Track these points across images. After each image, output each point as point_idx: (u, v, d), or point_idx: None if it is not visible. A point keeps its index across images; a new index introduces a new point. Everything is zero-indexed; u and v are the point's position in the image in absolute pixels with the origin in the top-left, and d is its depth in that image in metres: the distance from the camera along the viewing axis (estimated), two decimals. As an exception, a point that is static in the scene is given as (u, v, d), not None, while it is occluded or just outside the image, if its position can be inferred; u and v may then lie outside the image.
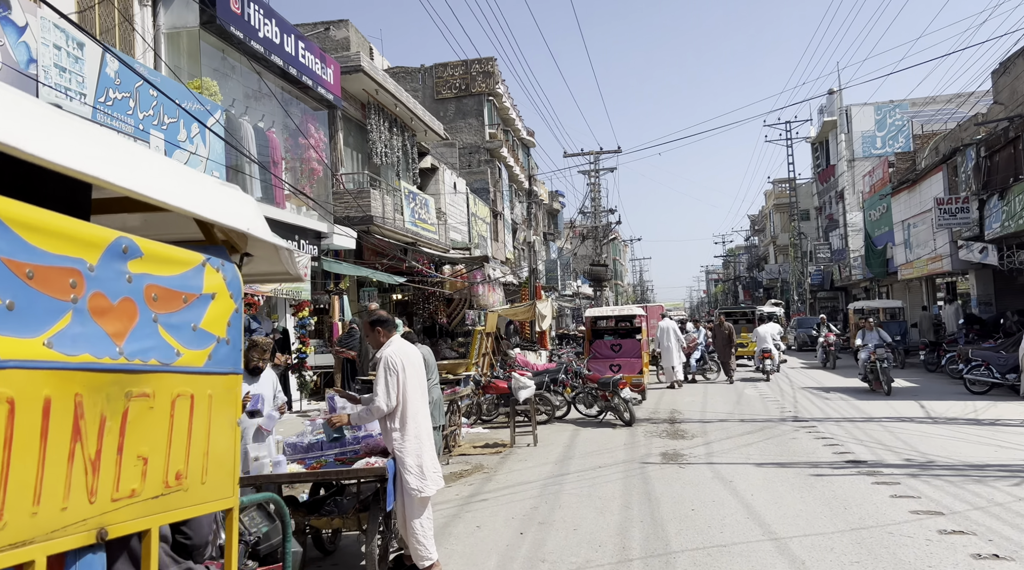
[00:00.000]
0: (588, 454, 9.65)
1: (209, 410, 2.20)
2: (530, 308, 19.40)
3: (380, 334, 5.15)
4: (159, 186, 2.07)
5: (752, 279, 75.87)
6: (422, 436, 4.99)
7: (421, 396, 5.11)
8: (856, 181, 42.95)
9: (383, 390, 4.92)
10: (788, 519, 6.11)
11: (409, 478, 4.85)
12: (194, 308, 2.12)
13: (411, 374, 5.02)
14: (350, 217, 17.01)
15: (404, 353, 5.05)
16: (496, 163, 36.46)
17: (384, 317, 5.20)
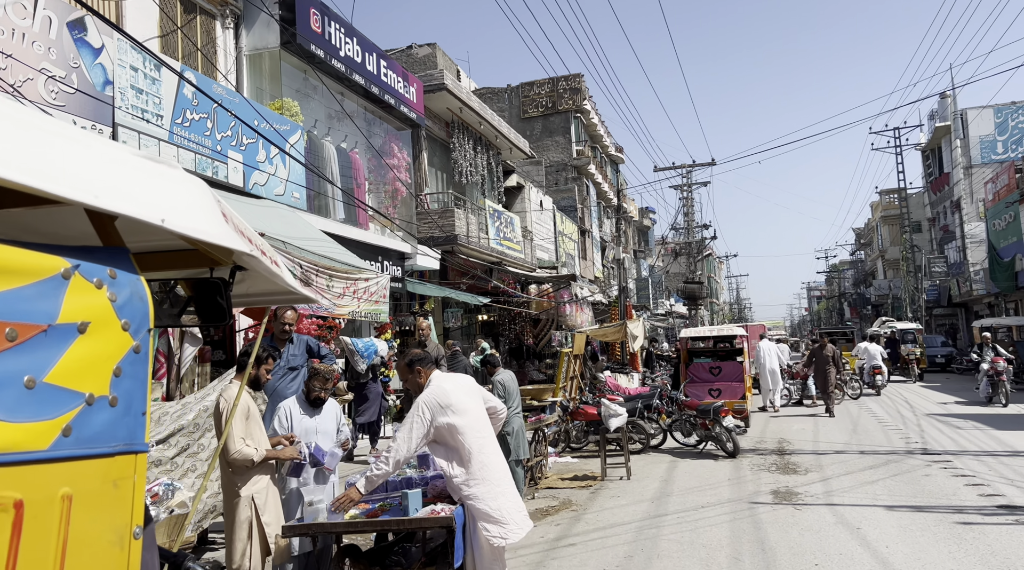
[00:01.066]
0: (688, 490, 8.72)
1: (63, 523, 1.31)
2: (620, 328, 18.51)
3: (420, 375, 4.54)
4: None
5: (859, 295, 71.67)
6: (494, 476, 4.32)
7: (483, 429, 4.43)
8: (975, 189, 39.75)
9: (402, 437, 4.29)
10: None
11: (488, 526, 4.19)
12: (31, 349, 1.28)
13: (459, 410, 4.37)
14: (434, 237, 16.71)
15: (443, 392, 4.39)
16: (583, 180, 35.81)
17: (420, 356, 4.59)
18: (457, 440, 4.31)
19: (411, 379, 4.60)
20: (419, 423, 4.30)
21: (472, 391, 4.62)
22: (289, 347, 6.33)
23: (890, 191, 59.32)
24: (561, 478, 10.02)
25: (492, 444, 4.47)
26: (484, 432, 4.47)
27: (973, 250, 39.42)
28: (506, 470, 4.49)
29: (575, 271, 28.44)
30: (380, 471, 4.40)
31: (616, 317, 23.58)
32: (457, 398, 4.41)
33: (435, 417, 4.30)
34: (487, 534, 4.18)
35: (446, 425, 4.31)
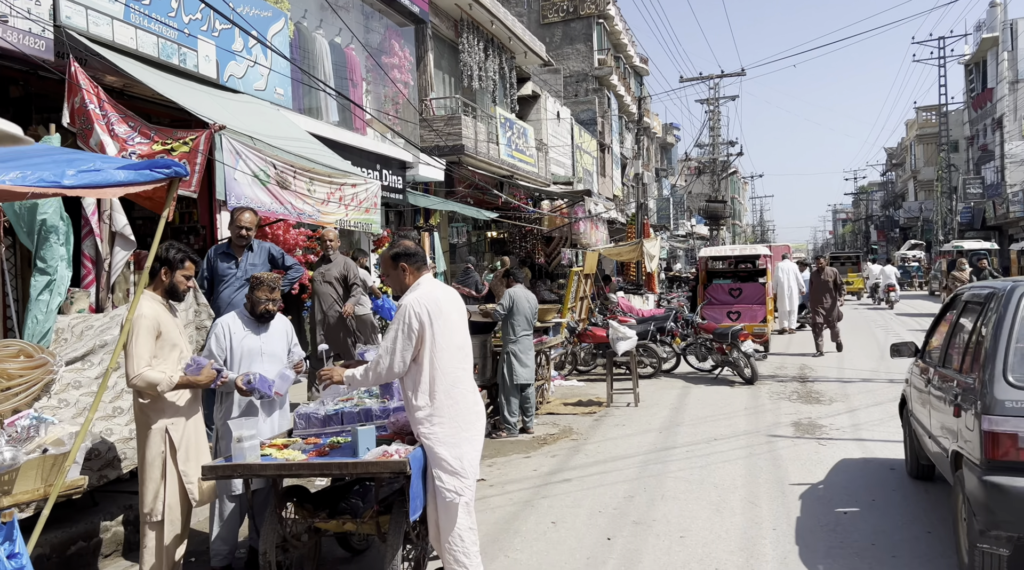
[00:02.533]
0: (700, 420, 8.01)
1: None
2: (636, 247, 17.58)
3: (405, 273, 3.71)
4: None
5: (887, 218, 69.64)
6: (463, 417, 3.56)
7: (464, 360, 3.66)
8: (1020, 105, 37.49)
9: (387, 347, 3.54)
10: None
11: (444, 477, 3.46)
12: None
13: (445, 329, 3.57)
14: (439, 146, 15.64)
15: (434, 300, 3.60)
16: (605, 92, 34.05)
17: (409, 250, 3.75)
18: (431, 364, 3.52)
19: (393, 276, 3.78)
20: (405, 332, 3.52)
21: (463, 313, 3.81)
22: (248, 255, 5.52)
23: (928, 108, 56.48)
24: (564, 403, 9.37)
25: (469, 380, 3.69)
26: (464, 364, 3.68)
27: (1013, 171, 37.60)
28: (480, 415, 3.72)
29: (593, 188, 27.26)
30: (364, 377, 3.70)
31: (632, 236, 22.59)
32: (447, 313, 3.61)
33: (423, 326, 3.51)
34: (440, 485, 3.45)
35: (429, 340, 3.52)
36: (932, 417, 4.57)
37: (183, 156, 6.39)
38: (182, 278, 3.67)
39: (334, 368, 3.92)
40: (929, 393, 4.71)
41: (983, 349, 3.81)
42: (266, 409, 4.26)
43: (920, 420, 5.01)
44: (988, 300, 4.15)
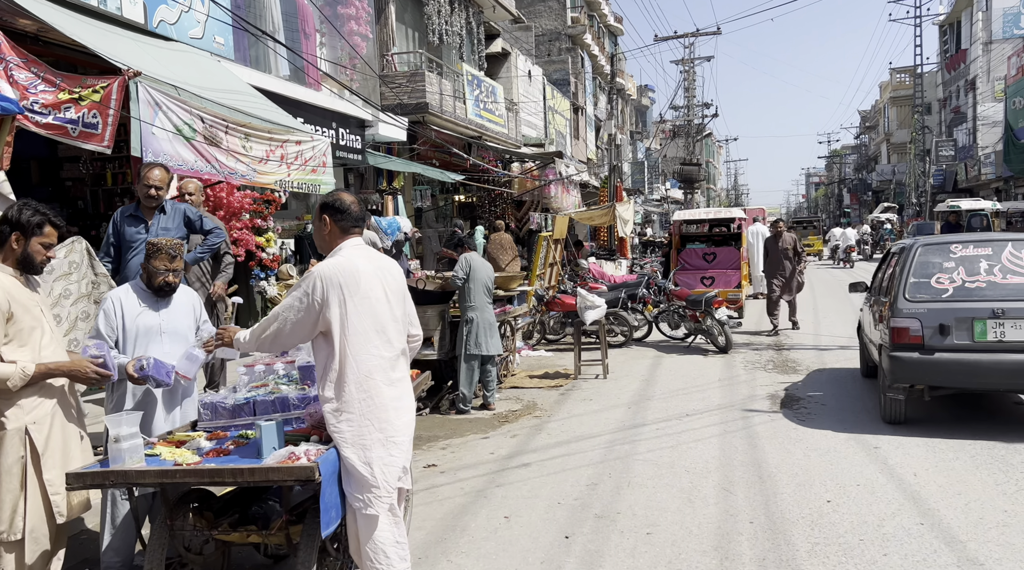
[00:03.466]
0: (672, 394, 7.54)
1: None
2: (608, 211, 17.03)
3: (327, 229, 3.11)
4: None
5: (860, 181, 69.77)
6: (376, 414, 2.95)
7: (383, 348, 3.04)
8: (993, 67, 37.23)
9: (278, 310, 3.00)
10: (987, 528, 3.87)
11: (350, 483, 2.89)
12: None
13: (362, 309, 2.98)
14: (402, 104, 14.83)
15: (351, 271, 2.99)
16: (578, 51, 33.13)
17: (340, 204, 3.13)
18: (342, 348, 2.93)
19: (316, 230, 3.18)
20: (304, 301, 2.93)
21: (396, 291, 3.19)
22: (159, 218, 4.84)
23: (902, 69, 56.20)
24: (530, 375, 8.86)
25: (392, 371, 3.08)
26: (384, 351, 3.05)
27: (984, 133, 37.51)
28: (404, 411, 3.09)
29: (566, 151, 26.53)
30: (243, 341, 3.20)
31: (605, 199, 22.01)
32: (367, 289, 3.00)
33: (328, 299, 2.91)
34: (347, 492, 2.89)
35: (339, 318, 2.92)
36: (872, 328, 6.89)
37: (93, 106, 5.65)
38: (39, 247, 3.01)
39: (228, 328, 3.33)
40: (870, 314, 7.10)
41: (895, 281, 6.16)
42: (168, 399, 3.65)
43: (866, 333, 7.40)
44: (901, 251, 6.48)
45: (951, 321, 5.66)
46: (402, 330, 3.18)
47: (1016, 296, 5.61)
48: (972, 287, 5.80)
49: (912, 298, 5.84)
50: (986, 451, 5.16)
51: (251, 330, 3.15)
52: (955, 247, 6.08)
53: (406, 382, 3.15)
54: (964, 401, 6.59)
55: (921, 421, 6.03)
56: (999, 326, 5.54)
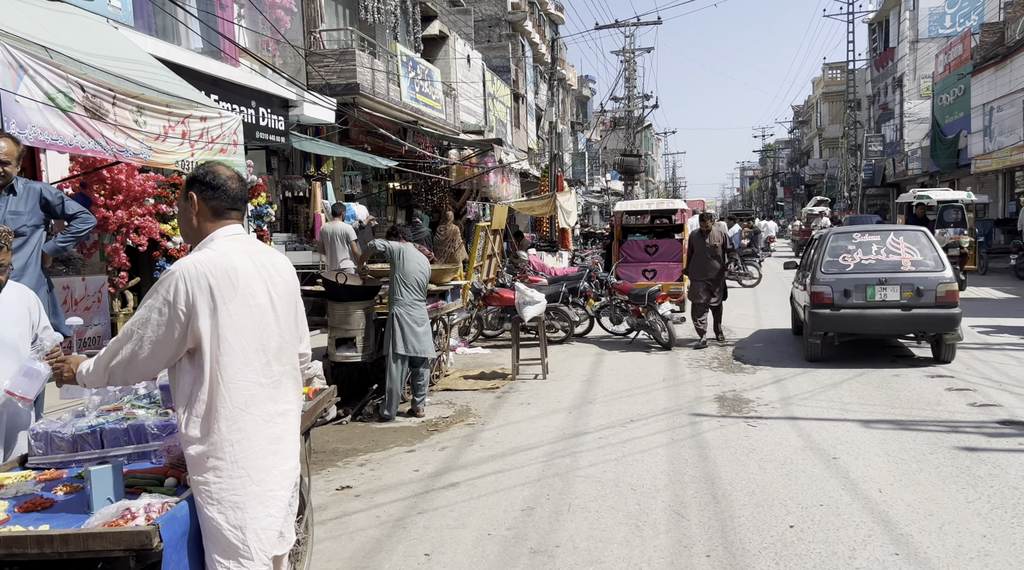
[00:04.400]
0: (615, 396, 7.04)
1: None
2: (549, 201, 16.51)
3: (193, 209, 2.42)
4: None
5: (794, 175, 71.41)
6: (255, 461, 2.27)
7: (266, 371, 2.35)
8: (919, 65, 38.33)
9: (129, 328, 2.27)
10: (968, 559, 3.46)
11: (214, 552, 2.22)
12: None
13: (240, 320, 2.30)
14: (331, 85, 13.95)
15: (227, 269, 2.30)
16: (519, 39, 32.53)
17: (213, 179, 2.42)
18: (212, 372, 2.25)
19: (181, 210, 2.46)
20: (163, 312, 2.23)
21: (286, 298, 2.48)
22: (8, 199, 4.00)
23: (834, 65, 57.60)
24: (465, 376, 8.24)
25: (279, 403, 2.39)
26: (269, 374, 2.36)
27: (911, 130, 38.59)
28: (289, 457, 2.40)
29: (506, 139, 25.90)
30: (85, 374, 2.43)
31: (546, 189, 21.51)
32: (249, 294, 2.31)
33: (196, 307, 2.23)
34: (209, 556, 2.22)
35: (209, 332, 2.23)
36: (799, 295, 9.20)
37: (-60, 69, 4.75)
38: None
39: (69, 357, 2.58)
40: (798, 285, 9.38)
41: (814, 260, 8.42)
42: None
43: (796, 299, 9.68)
44: (818, 238, 9.07)
45: (852, 287, 8.01)
46: (291, 347, 2.50)
47: (893, 270, 8.07)
48: (866, 264, 8.20)
49: (826, 272, 8.20)
50: (950, 461, 4.80)
51: (97, 357, 2.40)
52: (855, 235, 8.57)
53: (292, 416, 2.47)
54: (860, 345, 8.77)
55: (832, 359, 8.25)
56: (883, 290, 7.95)
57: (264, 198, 10.83)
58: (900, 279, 7.91)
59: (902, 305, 7.86)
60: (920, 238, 8.37)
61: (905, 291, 7.87)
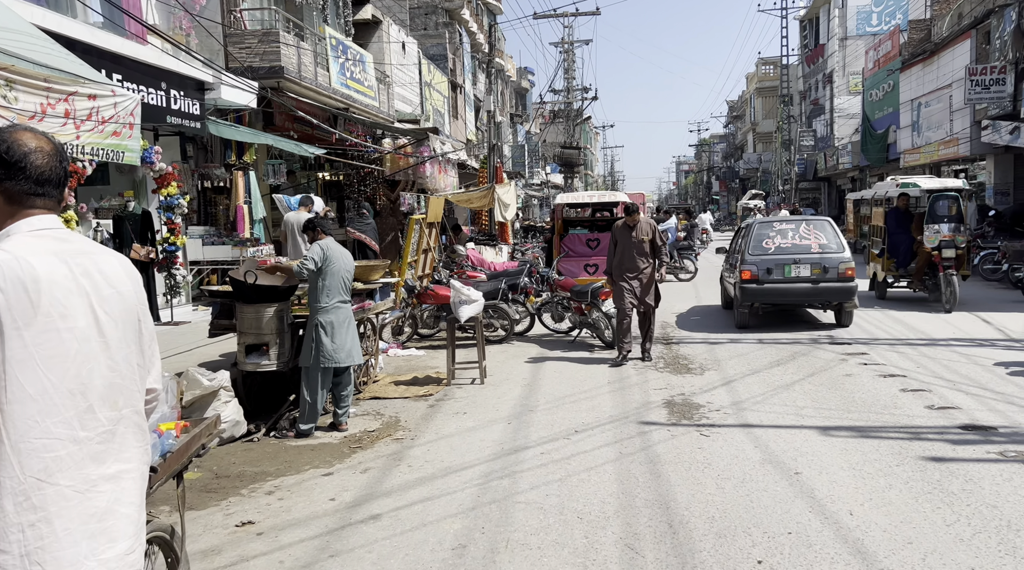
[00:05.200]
0: (558, 402, 6.52)
1: None
2: (488, 193, 15.90)
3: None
4: None
5: (729, 169, 72.68)
6: (56, 550, 1.61)
7: (83, 421, 1.69)
8: (848, 62, 39.29)
9: None
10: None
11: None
12: None
13: (41, 352, 1.63)
14: (253, 68, 13.02)
15: (24, 279, 1.63)
16: (456, 27, 31.77)
17: (17, 151, 1.75)
18: (9, 391, 1.59)
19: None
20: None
21: (121, 316, 1.82)
22: None
23: (767, 61, 58.68)
24: (396, 381, 7.60)
25: (108, 464, 1.73)
26: (91, 428, 1.69)
27: (841, 125, 39.51)
28: (121, 551, 1.73)
29: (444, 130, 25.15)
30: None
31: (484, 181, 20.91)
32: (60, 310, 1.65)
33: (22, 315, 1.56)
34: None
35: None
36: (729, 276, 10.87)
37: None
38: None
39: None
40: (728, 267, 11.13)
41: (743, 245, 10.10)
42: None
43: (726, 279, 11.35)
44: (745, 228, 10.75)
45: (772, 266, 9.76)
46: (130, 385, 1.83)
47: (805, 252, 9.83)
48: (784, 247, 9.96)
49: (752, 254, 9.94)
50: (919, 474, 4.44)
51: None
52: (776, 225, 10.43)
53: (129, 479, 1.79)
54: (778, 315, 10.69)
55: (758, 327, 10.03)
56: (797, 268, 9.72)
57: (175, 188, 9.93)
58: (810, 259, 9.74)
59: (812, 280, 9.65)
60: (826, 226, 10.18)
61: (814, 269, 9.67)
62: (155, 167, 9.40)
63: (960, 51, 22.48)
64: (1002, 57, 19.46)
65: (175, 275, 9.86)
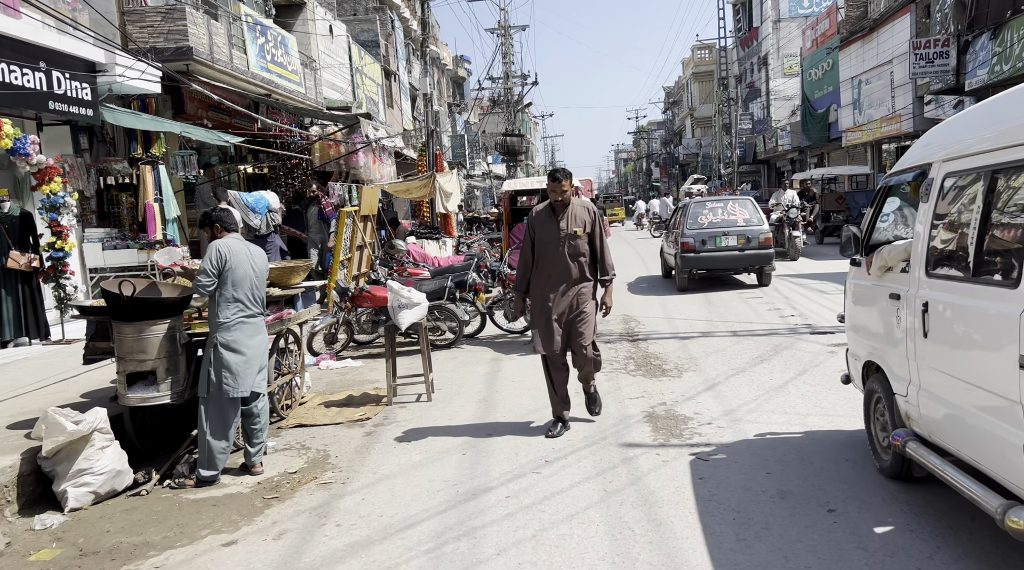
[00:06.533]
0: (520, 422, 5.49)
1: None
2: (428, 182, 14.75)
3: None
4: None
5: (669, 155, 72.86)
6: None
7: None
8: (782, 45, 39.40)
9: None
10: None
11: None
12: None
13: None
14: (157, 48, 11.54)
15: None
16: (388, 12, 30.35)
17: None
18: None
19: None
20: None
21: None
22: None
23: (703, 46, 58.81)
24: (327, 402, 6.45)
25: None
26: None
27: (777, 107, 39.61)
28: None
29: (380, 119, 23.76)
30: None
31: (424, 170, 19.69)
32: None
33: None
34: None
35: None
36: (668, 247, 13.36)
37: None
38: None
39: None
40: (668, 240, 13.43)
41: (682, 221, 12.40)
42: None
43: (665, 251, 13.83)
44: (682, 207, 13.31)
45: (706, 237, 11.73)
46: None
47: (731, 225, 11.84)
48: (716, 221, 11.95)
49: (690, 228, 11.88)
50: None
51: None
52: (708, 204, 12.63)
53: None
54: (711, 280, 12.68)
55: (693, 289, 11.98)
56: (725, 239, 11.71)
57: (59, 184, 8.49)
58: (736, 231, 11.77)
59: (738, 248, 11.74)
60: (748, 204, 12.43)
61: (740, 239, 11.74)
62: (31, 160, 7.96)
63: (900, 27, 22.29)
64: (943, 30, 19.24)
65: (64, 285, 8.43)
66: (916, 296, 3.37)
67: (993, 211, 2.86)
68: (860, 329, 4.25)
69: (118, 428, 5.03)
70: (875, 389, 4.00)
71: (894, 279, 3.73)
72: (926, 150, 3.63)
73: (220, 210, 5.00)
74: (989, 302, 2.77)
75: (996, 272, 2.80)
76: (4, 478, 4.15)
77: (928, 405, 3.30)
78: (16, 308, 8.02)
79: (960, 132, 3.33)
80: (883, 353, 3.84)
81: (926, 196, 3.43)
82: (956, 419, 3.08)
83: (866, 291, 4.13)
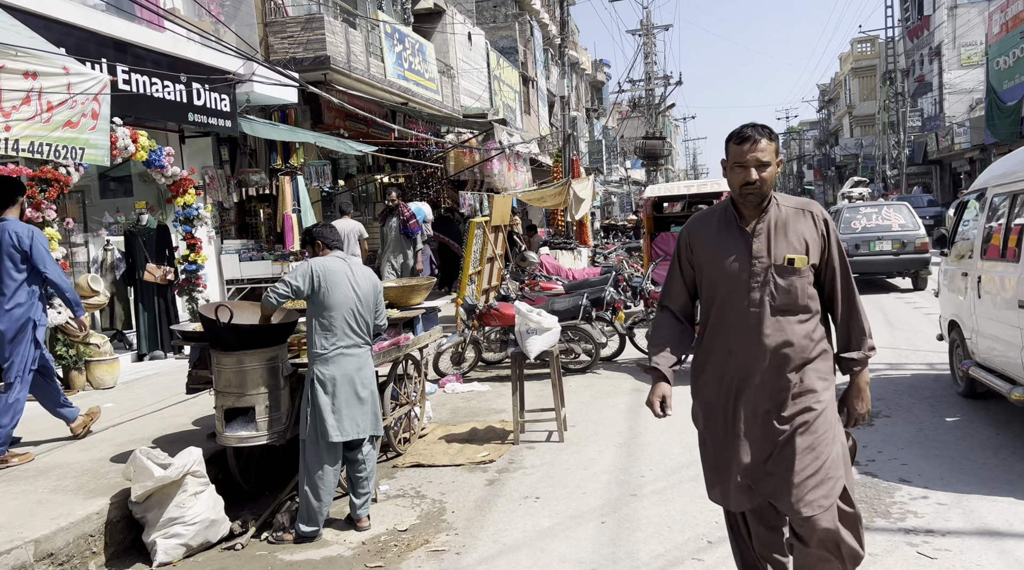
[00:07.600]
0: (671, 476, 4.51)
1: None
2: (563, 189, 13.95)
3: None
4: None
5: (824, 156, 68.08)
6: None
7: None
8: (959, 33, 35.38)
9: None
10: None
11: None
12: None
13: None
14: (296, 59, 11.55)
15: None
16: (527, 19, 30.00)
17: None
18: None
19: None
20: None
21: None
22: None
23: (863, 39, 54.35)
24: (447, 436, 5.76)
25: None
26: None
27: (952, 102, 35.63)
28: None
29: (517, 126, 23.35)
30: None
31: (559, 176, 18.94)
32: None
33: None
34: None
35: None
36: None
37: None
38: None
39: None
40: None
41: None
42: None
43: None
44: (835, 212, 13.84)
45: (860, 242, 12.33)
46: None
47: (885, 230, 12.43)
48: (870, 226, 12.56)
49: (844, 233, 12.09)
50: None
51: None
52: (861, 209, 13.08)
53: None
54: None
55: None
56: (879, 243, 12.32)
57: (193, 196, 8.44)
58: (891, 236, 12.18)
59: (893, 253, 12.15)
60: (903, 210, 12.71)
61: (895, 244, 12.12)
62: (166, 172, 7.93)
63: (1119, 0, 19.00)
64: None
65: (196, 299, 8.37)
66: (974, 272, 5.25)
67: (1013, 218, 4.85)
68: (946, 298, 6.13)
69: (221, 464, 4.59)
70: (955, 338, 5.80)
71: (965, 263, 5.55)
72: (984, 178, 5.66)
73: (322, 226, 4.41)
74: (1005, 271, 4.76)
75: (1010, 254, 4.76)
76: (90, 526, 3.73)
77: (981, 341, 5.18)
78: (152, 321, 8.01)
79: (1004, 168, 5.32)
80: (959, 312, 5.65)
81: (982, 209, 5.38)
82: (992, 345, 4.98)
83: (949, 272, 6.01)
